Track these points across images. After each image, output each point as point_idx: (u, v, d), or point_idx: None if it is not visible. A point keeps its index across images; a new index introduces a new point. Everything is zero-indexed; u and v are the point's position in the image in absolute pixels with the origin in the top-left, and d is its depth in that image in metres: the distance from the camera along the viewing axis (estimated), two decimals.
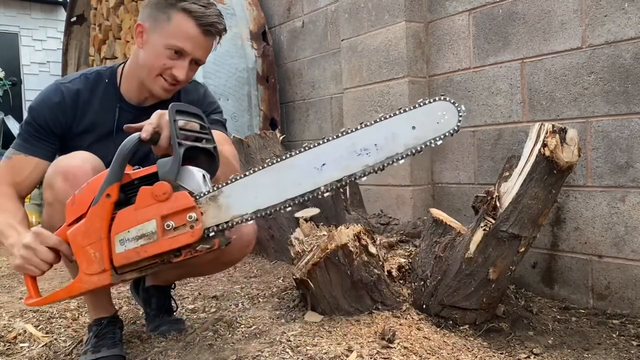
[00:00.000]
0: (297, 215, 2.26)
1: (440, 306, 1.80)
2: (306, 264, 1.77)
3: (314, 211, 2.35)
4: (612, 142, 2.02)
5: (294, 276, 1.85)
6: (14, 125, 6.34)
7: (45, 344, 1.78)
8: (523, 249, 1.74)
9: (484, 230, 1.71)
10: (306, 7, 3.70)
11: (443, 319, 1.79)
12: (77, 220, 1.30)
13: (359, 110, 3.00)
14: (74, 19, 5.71)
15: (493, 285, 1.75)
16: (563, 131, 1.67)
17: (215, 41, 1.59)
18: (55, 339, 1.82)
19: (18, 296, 2.44)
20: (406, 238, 2.38)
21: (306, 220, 2.09)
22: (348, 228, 1.79)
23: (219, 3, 3.48)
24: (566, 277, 2.18)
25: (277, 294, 2.21)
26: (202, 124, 1.34)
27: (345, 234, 1.76)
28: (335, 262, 1.75)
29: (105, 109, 1.63)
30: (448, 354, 1.54)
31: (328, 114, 3.58)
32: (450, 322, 1.78)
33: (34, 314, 2.08)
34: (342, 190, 2.68)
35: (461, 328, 1.76)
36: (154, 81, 1.56)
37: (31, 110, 1.60)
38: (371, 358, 1.46)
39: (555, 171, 1.67)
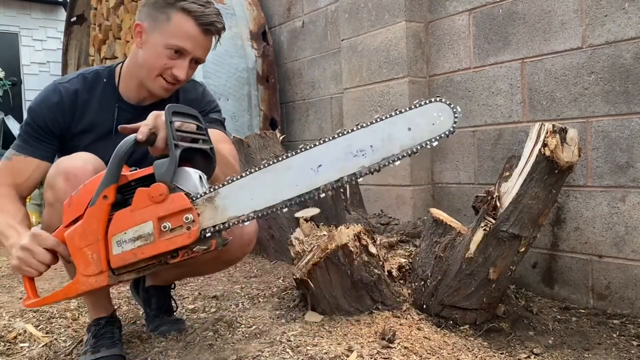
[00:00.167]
0: (297, 215, 2.27)
1: (440, 306, 1.80)
2: (306, 264, 1.77)
3: (314, 211, 2.35)
4: (613, 142, 2.02)
5: (294, 276, 1.85)
6: (14, 126, 6.34)
7: (46, 344, 1.78)
8: (523, 249, 1.74)
9: (484, 230, 1.71)
10: (306, 7, 3.70)
11: (443, 319, 1.79)
12: (75, 221, 1.30)
13: (359, 110, 3.00)
14: (74, 19, 5.71)
15: (493, 285, 1.75)
16: (563, 131, 1.67)
17: (215, 40, 1.60)
18: (56, 339, 1.82)
19: (18, 296, 2.44)
20: (406, 238, 2.38)
21: (306, 220, 2.09)
22: (348, 228, 1.80)
23: (218, 3, 3.47)
24: (566, 277, 2.18)
25: (277, 294, 2.21)
26: (199, 125, 1.34)
27: (345, 234, 1.76)
28: (336, 262, 1.75)
29: (104, 109, 1.63)
30: (448, 354, 1.54)
31: (328, 114, 3.57)
32: (451, 322, 1.78)
33: (34, 314, 2.08)
34: (342, 190, 2.68)
35: (461, 328, 1.76)
36: (154, 81, 1.56)
37: (30, 111, 1.60)
38: (371, 358, 1.46)
39: (555, 171, 1.67)
